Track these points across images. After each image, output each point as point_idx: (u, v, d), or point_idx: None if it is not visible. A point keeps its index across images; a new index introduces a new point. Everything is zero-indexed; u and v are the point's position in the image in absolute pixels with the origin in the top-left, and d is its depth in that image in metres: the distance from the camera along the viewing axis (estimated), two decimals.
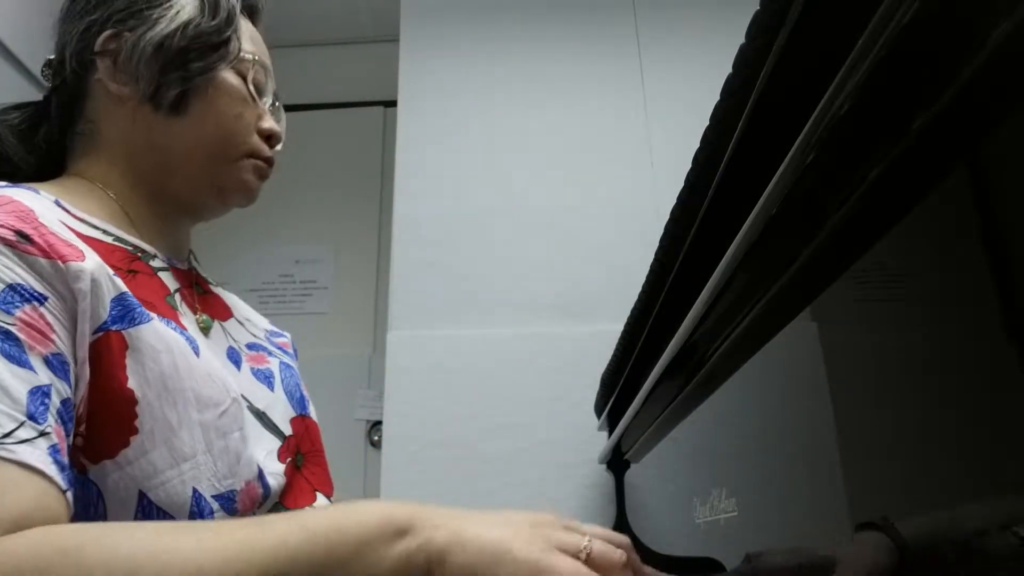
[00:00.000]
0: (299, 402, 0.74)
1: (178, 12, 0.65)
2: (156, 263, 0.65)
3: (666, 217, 0.76)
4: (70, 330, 0.50)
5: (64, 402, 0.48)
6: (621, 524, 1.29)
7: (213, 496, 0.56)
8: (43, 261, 0.49)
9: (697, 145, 0.63)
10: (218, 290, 0.80)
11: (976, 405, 0.35)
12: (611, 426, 1.31)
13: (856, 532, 0.47)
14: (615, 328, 1.12)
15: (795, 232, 0.48)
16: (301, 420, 0.72)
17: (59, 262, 0.50)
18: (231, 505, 0.58)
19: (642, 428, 1.07)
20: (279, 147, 0.75)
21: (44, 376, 0.46)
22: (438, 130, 1.87)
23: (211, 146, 0.68)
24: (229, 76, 0.68)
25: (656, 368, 0.81)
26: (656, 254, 0.83)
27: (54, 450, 0.45)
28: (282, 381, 0.73)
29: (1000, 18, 0.29)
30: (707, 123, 0.60)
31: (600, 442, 1.40)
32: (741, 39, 0.50)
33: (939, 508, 0.39)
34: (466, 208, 1.79)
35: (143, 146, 0.66)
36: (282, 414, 0.69)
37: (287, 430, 0.69)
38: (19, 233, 0.49)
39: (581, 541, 0.49)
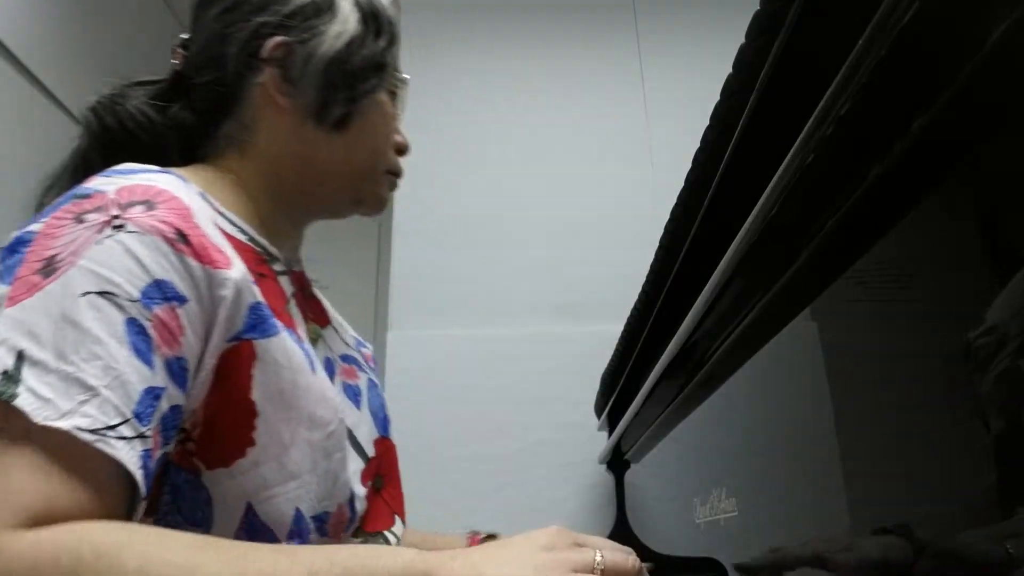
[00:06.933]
0: (382, 423, 0.74)
1: (344, 27, 0.64)
2: (278, 267, 0.65)
3: (666, 217, 0.76)
4: (201, 336, 0.50)
5: (173, 408, 0.48)
6: (621, 524, 1.29)
7: (312, 517, 0.56)
8: (194, 263, 0.50)
9: (697, 145, 0.63)
10: (317, 292, 0.80)
11: (976, 405, 0.35)
12: (611, 426, 1.31)
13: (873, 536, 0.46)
14: (615, 328, 1.13)
15: (795, 232, 0.48)
16: (383, 442, 0.72)
17: (210, 267, 0.50)
18: (323, 527, 0.57)
19: (642, 428, 1.07)
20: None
21: (161, 379, 0.47)
22: (438, 130, 1.87)
23: (362, 162, 0.69)
24: (383, 96, 0.69)
25: (656, 368, 0.81)
26: (656, 254, 0.83)
27: (146, 455, 0.45)
28: (369, 400, 0.73)
29: (1000, 18, 0.29)
30: (707, 123, 0.60)
31: (600, 442, 1.40)
32: (741, 39, 0.50)
33: (938, 508, 0.39)
34: (466, 208, 1.79)
35: (296, 157, 0.66)
36: (366, 435, 0.69)
37: (370, 451, 0.68)
38: (178, 232, 0.50)
39: (594, 557, 0.49)
